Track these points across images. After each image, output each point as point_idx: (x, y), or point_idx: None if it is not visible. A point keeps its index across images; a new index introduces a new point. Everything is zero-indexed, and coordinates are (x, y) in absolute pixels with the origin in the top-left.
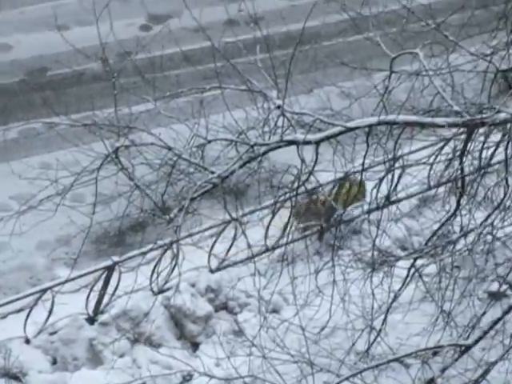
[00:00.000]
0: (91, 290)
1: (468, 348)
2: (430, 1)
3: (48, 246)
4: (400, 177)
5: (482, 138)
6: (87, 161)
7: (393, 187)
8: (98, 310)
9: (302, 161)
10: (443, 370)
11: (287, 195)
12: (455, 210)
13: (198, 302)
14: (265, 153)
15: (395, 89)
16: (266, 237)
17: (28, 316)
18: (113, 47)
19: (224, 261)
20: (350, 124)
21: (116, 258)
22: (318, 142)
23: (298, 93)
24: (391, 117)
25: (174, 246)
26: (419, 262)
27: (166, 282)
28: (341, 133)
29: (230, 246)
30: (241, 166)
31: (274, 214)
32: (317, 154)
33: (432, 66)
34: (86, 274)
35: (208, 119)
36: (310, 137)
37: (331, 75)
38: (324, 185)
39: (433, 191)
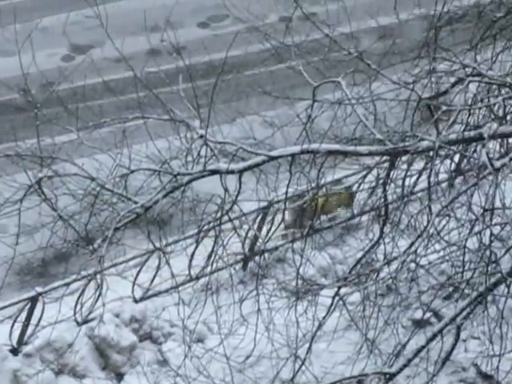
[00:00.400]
0: (15, 320)
1: (392, 376)
2: (352, 30)
3: None
4: (323, 205)
5: (404, 166)
6: (10, 192)
7: (317, 215)
8: (21, 341)
9: (226, 190)
10: None
11: (211, 224)
12: (379, 238)
13: (122, 332)
14: (188, 182)
15: (318, 117)
16: (189, 266)
17: None
18: (35, 78)
19: (148, 290)
20: (273, 153)
21: (39, 289)
22: (241, 171)
23: (220, 122)
24: (314, 145)
25: (98, 276)
26: (343, 291)
27: (90, 313)
28: (264, 162)
29: (154, 276)
30: (164, 196)
31: (197, 243)
32: (240, 183)
33: (354, 95)
34: (9, 305)
35: (131, 149)
36: (233, 166)
37: (254, 104)
38: (248, 214)
39: (356, 219)
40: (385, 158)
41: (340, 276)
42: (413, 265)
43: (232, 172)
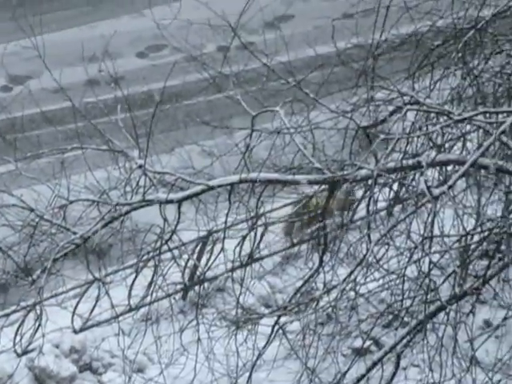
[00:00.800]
0: None
1: None
2: (290, 59)
3: None
4: (263, 234)
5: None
6: None
7: (256, 245)
8: None
9: (165, 220)
10: None
11: (150, 254)
12: (318, 267)
13: (62, 363)
14: (127, 212)
15: (256, 147)
16: (129, 296)
17: None
18: None
19: (88, 321)
20: (212, 182)
21: None
22: (180, 201)
23: (159, 152)
24: (253, 175)
25: (38, 306)
26: (283, 320)
27: (30, 344)
28: (203, 191)
29: (94, 306)
30: (103, 226)
31: (137, 273)
32: (179, 212)
33: (293, 124)
34: None
35: (69, 180)
36: (172, 196)
37: (192, 134)
38: (187, 243)
39: (296, 248)
40: (323, 186)
41: (280, 305)
42: (352, 293)
43: (171, 202)
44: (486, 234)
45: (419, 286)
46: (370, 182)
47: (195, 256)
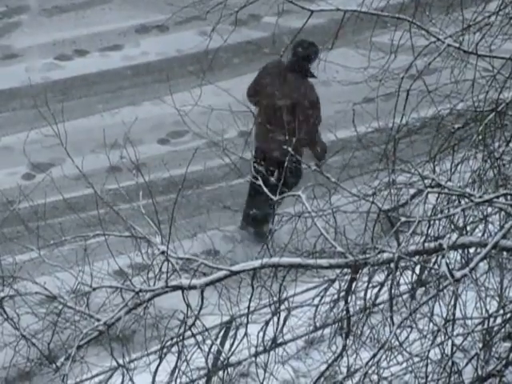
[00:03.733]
0: None
1: None
2: None
3: None
4: (286, 319)
5: (366, 278)
6: None
7: (279, 329)
8: None
9: (188, 305)
10: None
11: (174, 340)
12: (341, 351)
13: None
14: (150, 299)
15: (278, 231)
16: (153, 382)
17: None
18: None
19: None
20: (235, 268)
21: None
22: (203, 287)
23: (181, 237)
24: (275, 259)
25: None
26: None
27: None
28: (226, 276)
29: None
30: (126, 313)
31: (161, 359)
32: (202, 298)
33: (314, 208)
34: None
35: (92, 266)
36: (195, 281)
37: (214, 219)
38: (210, 328)
39: (319, 332)
40: (346, 270)
41: None
42: (375, 377)
43: (194, 287)
44: (509, 316)
45: (442, 368)
46: (392, 265)
47: (218, 341)
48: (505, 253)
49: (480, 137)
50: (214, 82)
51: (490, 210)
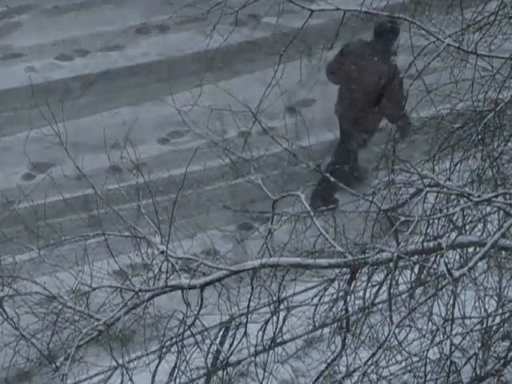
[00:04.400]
0: None
1: None
2: (311, 143)
3: None
4: (285, 318)
5: (365, 278)
6: None
7: (278, 329)
8: None
9: (187, 305)
10: None
11: (173, 340)
12: (341, 350)
13: None
14: (150, 298)
15: (278, 231)
16: (153, 382)
17: None
18: None
19: None
20: (234, 267)
21: None
22: (202, 287)
23: (181, 237)
24: (274, 259)
25: None
26: None
27: None
28: (225, 276)
29: None
30: (126, 313)
31: (160, 358)
32: (202, 298)
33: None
34: None
35: (92, 266)
36: (195, 281)
37: (214, 219)
38: (210, 328)
39: (318, 332)
40: (345, 270)
41: None
42: (374, 376)
43: (194, 287)
44: (508, 315)
45: (441, 367)
46: (391, 264)
47: (218, 341)
48: (503, 252)
49: (479, 136)
50: (214, 82)
51: (488, 209)
